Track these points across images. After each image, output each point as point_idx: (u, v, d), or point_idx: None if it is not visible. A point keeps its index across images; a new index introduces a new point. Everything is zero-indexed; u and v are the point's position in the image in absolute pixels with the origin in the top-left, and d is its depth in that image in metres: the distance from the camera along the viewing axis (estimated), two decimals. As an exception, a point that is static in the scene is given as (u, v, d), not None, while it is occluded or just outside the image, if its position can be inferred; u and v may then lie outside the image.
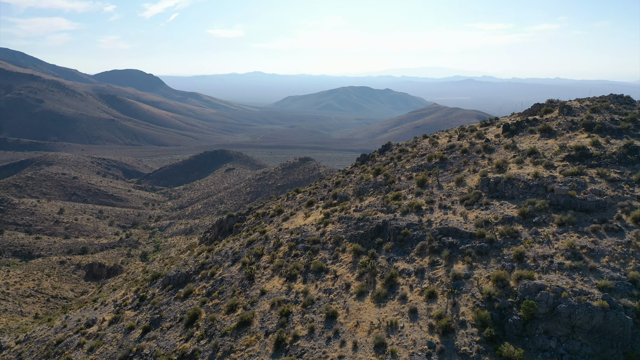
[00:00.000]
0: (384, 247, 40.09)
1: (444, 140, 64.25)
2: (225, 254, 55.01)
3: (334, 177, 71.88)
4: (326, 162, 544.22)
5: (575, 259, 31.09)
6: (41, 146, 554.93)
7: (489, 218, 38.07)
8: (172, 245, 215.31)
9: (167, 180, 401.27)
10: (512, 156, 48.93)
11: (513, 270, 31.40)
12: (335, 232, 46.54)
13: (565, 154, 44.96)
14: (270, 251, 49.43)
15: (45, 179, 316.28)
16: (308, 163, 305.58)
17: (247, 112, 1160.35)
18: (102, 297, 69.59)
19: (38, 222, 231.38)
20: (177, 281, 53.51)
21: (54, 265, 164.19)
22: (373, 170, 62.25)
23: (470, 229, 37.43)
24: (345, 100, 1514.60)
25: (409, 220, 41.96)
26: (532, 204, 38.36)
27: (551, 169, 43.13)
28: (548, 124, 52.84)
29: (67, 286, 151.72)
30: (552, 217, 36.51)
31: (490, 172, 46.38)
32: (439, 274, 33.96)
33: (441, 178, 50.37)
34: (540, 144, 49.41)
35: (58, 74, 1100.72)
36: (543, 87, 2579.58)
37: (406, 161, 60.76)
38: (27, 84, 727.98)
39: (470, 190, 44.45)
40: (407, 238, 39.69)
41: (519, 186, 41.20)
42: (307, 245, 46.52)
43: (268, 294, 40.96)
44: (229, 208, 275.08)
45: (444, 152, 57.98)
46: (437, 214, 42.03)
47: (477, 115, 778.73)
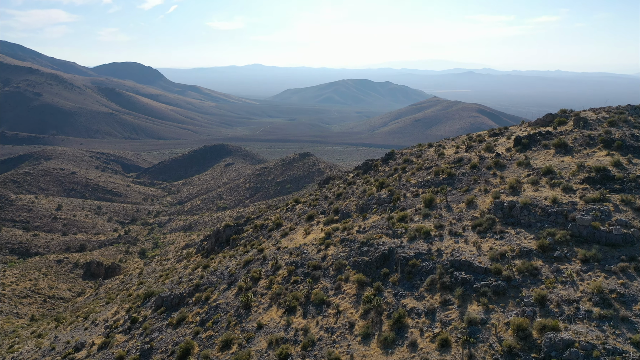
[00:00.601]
0: (390, 280, 37.06)
1: (451, 151, 61.20)
2: (221, 274, 52.20)
3: (335, 187, 68.67)
4: (326, 156, 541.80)
5: (605, 305, 27.92)
6: (40, 140, 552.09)
7: (505, 250, 34.96)
8: (170, 242, 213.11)
9: (166, 175, 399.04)
10: (526, 175, 45.77)
11: (535, 317, 28.28)
12: (337, 257, 43.63)
13: (585, 174, 41.79)
14: (268, 275, 46.56)
15: (44, 174, 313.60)
16: (308, 158, 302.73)
17: (246, 105, 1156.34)
18: (94, 313, 66.81)
19: (36, 218, 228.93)
20: (171, 303, 50.77)
21: (51, 264, 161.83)
22: (377, 182, 59.26)
23: (484, 263, 34.31)
24: (345, 93, 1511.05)
25: (417, 249, 38.99)
26: (551, 235, 35.20)
27: (570, 193, 39.91)
28: (563, 139, 49.64)
29: (64, 286, 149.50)
30: (574, 251, 33.35)
31: (504, 194, 43.24)
32: (452, 316, 30.96)
33: (450, 197, 47.31)
34: (556, 162, 46.28)
35: (57, 66, 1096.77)
36: (543, 80, 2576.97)
37: (411, 174, 57.73)
38: (26, 77, 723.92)
39: (483, 214, 41.35)
40: (415, 270, 36.69)
41: (536, 213, 38.09)
42: (308, 271, 43.62)
43: (265, 328, 38.03)
44: (228, 204, 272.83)
45: (452, 166, 54.84)
46: (448, 242, 39.01)
47: (478, 108, 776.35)
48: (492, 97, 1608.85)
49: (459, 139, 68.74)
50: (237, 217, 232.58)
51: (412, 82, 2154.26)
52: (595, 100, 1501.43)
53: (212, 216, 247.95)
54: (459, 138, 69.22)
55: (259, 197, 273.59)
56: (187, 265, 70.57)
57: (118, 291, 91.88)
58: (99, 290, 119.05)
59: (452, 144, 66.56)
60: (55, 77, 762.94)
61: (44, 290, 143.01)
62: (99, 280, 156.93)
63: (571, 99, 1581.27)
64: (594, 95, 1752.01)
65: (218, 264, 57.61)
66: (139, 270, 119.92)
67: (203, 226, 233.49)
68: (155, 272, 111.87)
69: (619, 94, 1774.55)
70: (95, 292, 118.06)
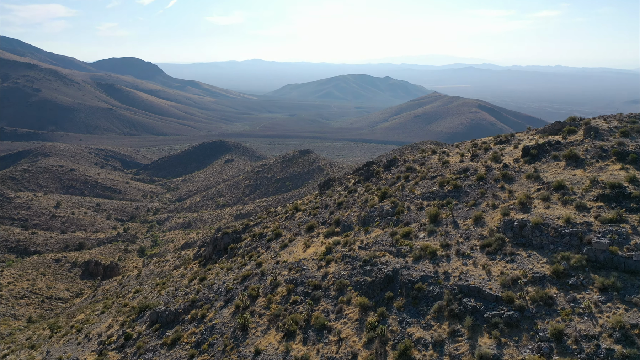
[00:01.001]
0: (395, 304, 35.05)
1: (455, 159, 59.14)
2: (218, 289, 50.30)
3: (336, 194, 66.45)
4: (326, 152, 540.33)
5: (627, 343, 25.74)
6: (39, 136, 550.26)
7: (517, 276, 32.90)
8: (170, 240, 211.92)
9: (166, 172, 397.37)
10: (536, 189, 43.65)
11: (552, 355, 26.13)
12: (339, 276, 41.68)
13: (599, 191, 39.70)
14: (267, 292, 44.62)
15: (42, 171, 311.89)
16: (308, 155, 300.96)
17: (246, 101, 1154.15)
18: (88, 324, 65.00)
19: (34, 216, 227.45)
20: (166, 319, 48.93)
21: (49, 264, 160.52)
22: (379, 192, 57.22)
23: (495, 290, 32.24)
24: (345, 88, 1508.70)
25: (423, 271, 37.00)
26: (566, 259, 33.06)
27: (584, 211, 37.81)
28: (574, 150, 47.45)
29: (62, 285, 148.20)
30: (591, 278, 31.19)
31: (513, 210, 41.20)
32: (462, 349, 28.93)
33: (456, 212, 45.28)
34: (567, 176, 44.21)
35: (55, 62, 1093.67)
36: (544, 75, 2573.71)
37: (415, 184, 55.67)
38: (24, 72, 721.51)
39: (491, 233, 39.33)
40: (421, 295, 34.68)
41: (548, 234, 36.01)
42: (308, 291, 41.68)
43: (263, 354, 36.02)
44: (227, 202, 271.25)
45: (457, 176, 52.71)
46: (455, 263, 37.00)
47: (478, 104, 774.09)
48: (492, 93, 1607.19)
49: (463, 145, 66.54)
50: (236, 215, 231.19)
51: (412, 77, 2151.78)
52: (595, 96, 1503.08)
53: (211, 214, 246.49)
54: (464, 145, 67.01)
55: (259, 194, 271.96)
56: (184, 275, 68.67)
57: (115, 296, 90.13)
58: (97, 292, 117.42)
59: (456, 150, 64.39)
60: (54, 72, 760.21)
61: (42, 290, 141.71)
62: (97, 281, 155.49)
63: (571, 94, 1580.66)
64: (595, 91, 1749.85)
65: (215, 277, 55.67)
66: (137, 271, 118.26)
67: (202, 224, 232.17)
68: (153, 274, 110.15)
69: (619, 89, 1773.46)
70: (93, 294, 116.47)
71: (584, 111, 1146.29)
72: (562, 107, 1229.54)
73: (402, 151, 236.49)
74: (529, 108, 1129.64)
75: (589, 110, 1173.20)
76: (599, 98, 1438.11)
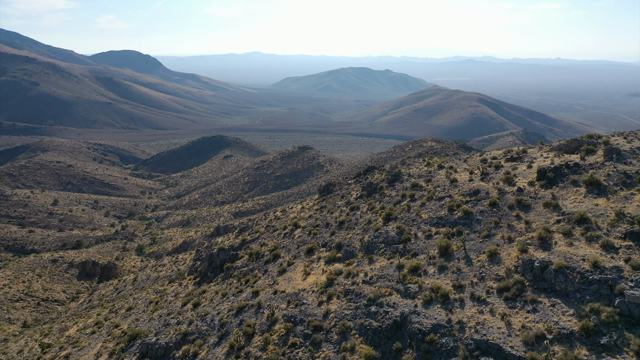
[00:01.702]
0: (403, 359, 31.81)
1: (464, 177, 55.73)
2: (212, 321, 46.99)
3: (337, 210, 62.88)
4: (326, 146, 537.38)
5: None
6: (37, 130, 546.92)
7: (541, 331, 29.40)
8: (168, 238, 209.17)
9: (165, 167, 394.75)
10: (556, 221, 40.15)
11: None
12: (342, 316, 38.31)
13: (626, 226, 36.23)
14: (263, 330, 41.25)
15: (40, 168, 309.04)
16: (307, 152, 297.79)
17: (245, 94, 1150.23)
18: (78, 346, 61.90)
19: (31, 214, 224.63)
20: (156, 354, 45.72)
21: (45, 264, 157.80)
22: (383, 212, 53.77)
23: (517, 349, 28.65)
24: (345, 81, 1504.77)
25: (435, 318, 33.59)
26: (595, 312, 29.51)
27: (612, 252, 34.30)
28: (595, 176, 43.81)
29: (59, 287, 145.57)
30: (625, 338, 27.56)
31: (532, 247, 37.79)
32: (482, 423, 25.72)
33: (469, 244, 41.83)
34: (589, 206, 40.65)
35: (54, 55, 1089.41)
36: (544, 68, 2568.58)
37: (421, 204, 52.14)
38: (22, 66, 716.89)
39: (509, 273, 35.90)
40: (433, 348, 31.22)
41: (574, 279, 32.49)
42: (308, 332, 38.28)
43: (258, 410, 32.91)
44: (226, 199, 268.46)
45: (468, 199, 49.21)
46: (470, 310, 33.55)
47: (478, 98, 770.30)
48: (492, 86, 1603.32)
49: (472, 160, 62.80)
50: (235, 213, 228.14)
51: (412, 70, 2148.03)
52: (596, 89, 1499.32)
53: (210, 211, 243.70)
54: (472, 159, 63.30)
55: (258, 191, 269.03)
56: (178, 294, 65.43)
57: (109, 310, 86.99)
58: (93, 297, 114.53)
59: (464, 166, 60.87)
60: (52, 66, 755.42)
61: (38, 292, 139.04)
62: (94, 283, 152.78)
63: (572, 87, 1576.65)
64: (595, 83, 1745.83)
65: (209, 304, 52.30)
66: (134, 275, 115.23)
67: (201, 221, 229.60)
68: (150, 279, 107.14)
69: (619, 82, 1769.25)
70: (89, 299, 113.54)
71: (584, 104, 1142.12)
72: (562, 100, 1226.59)
73: (402, 149, 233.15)
74: (529, 101, 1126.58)
75: (589, 103, 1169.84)
76: (600, 91, 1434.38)
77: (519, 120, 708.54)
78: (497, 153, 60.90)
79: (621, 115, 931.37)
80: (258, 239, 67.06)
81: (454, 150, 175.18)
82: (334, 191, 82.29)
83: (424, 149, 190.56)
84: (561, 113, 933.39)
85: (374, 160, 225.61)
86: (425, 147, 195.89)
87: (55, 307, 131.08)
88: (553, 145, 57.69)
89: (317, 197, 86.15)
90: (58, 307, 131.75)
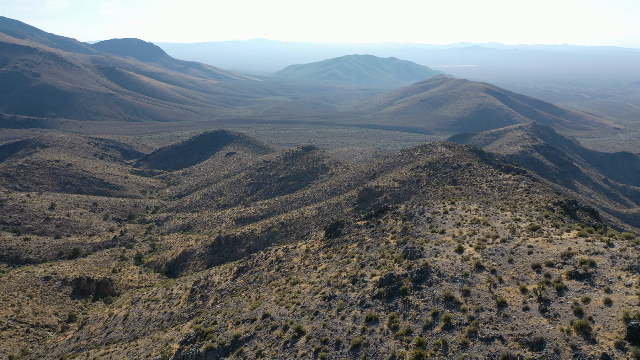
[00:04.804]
0: None
1: (516, 297, 43.25)
2: None
3: (349, 318, 49.42)
4: (330, 139, 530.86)
5: None
6: (38, 123, 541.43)
7: None
8: (168, 246, 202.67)
9: (166, 163, 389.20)
10: None
11: None
12: None
13: None
14: None
15: (38, 167, 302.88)
16: (312, 152, 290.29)
17: (249, 83, 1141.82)
18: None
19: (27, 219, 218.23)
20: None
21: (37, 282, 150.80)
22: (410, 349, 42.47)
23: None
24: (349, 69, 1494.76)
25: None
26: None
27: None
28: None
29: (51, 309, 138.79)
30: None
31: None
32: None
33: None
34: None
35: (56, 43, 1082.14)
36: (551, 54, 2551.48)
37: (462, 344, 40.30)
38: (23, 56, 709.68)
39: None
40: None
41: None
42: None
43: None
44: (228, 201, 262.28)
45: (528, 353, 36.98)
46: None
47: (485, 88, 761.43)
48: (498, 73, 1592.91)
49: (519, 264, 48.53)
50: (237, 219, 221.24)
51: (417, 57, 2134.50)
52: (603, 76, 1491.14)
53: (211, 215, 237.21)
54: (519, 262, 48.66)
55: (261, 194, 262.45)
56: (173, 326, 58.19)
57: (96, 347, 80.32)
58: (82, 334, 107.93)
59: (511, 273, 47.50)
60: (54, 56, 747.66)
61: (28, 317, 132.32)
62: (89, 301, 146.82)
63: (579, 74, 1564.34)
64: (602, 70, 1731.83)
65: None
66: (126, 312, 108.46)
67: (202, 227, 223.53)
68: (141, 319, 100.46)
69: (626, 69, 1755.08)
70: (77, 337, 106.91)
71: (592, 92, 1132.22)
72: (569, 87, 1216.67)
73: (411, 154, 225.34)
74: (535, 89, 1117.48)
75: (597, 91, 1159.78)
76: (607, 78, 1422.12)
77: (526, 111, 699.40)
78: (556, 264, 46.24)
79: (629, 104, 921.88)
80: (253, 338, 57.70)
81: (467, 161, 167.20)
82: (341, 234, 74.69)
83: (434, 156, 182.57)
84: (568, 102, 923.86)
85: (381, 166, 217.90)
86: (436, 154, 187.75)
87: (45, 333, 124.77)
88: (628, 254, 44.55)
89: (323, 239, 78.58)
90: (48, 332, 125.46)
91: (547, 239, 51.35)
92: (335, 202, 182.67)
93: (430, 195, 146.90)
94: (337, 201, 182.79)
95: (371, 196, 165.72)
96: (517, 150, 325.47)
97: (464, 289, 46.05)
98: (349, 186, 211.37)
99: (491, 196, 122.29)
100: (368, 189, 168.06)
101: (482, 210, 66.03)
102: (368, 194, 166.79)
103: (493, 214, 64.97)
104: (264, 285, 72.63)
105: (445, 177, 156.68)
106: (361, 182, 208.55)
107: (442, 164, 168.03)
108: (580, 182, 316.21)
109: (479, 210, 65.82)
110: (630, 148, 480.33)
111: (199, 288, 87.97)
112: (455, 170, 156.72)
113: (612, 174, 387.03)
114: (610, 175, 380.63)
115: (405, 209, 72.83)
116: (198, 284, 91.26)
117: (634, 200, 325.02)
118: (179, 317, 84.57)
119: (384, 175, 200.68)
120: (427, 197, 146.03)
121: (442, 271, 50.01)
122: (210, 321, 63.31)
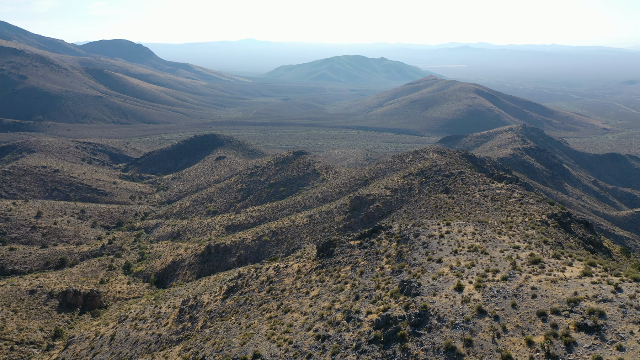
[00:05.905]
0: None
1: (521, 348, 41.04)
2: None
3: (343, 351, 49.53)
4: (320, 141, 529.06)
5: None
6: (25, 126, 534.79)
7: None
8: (157, 255, 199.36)
9: (156, 167, 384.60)
10: None
11: None
12: None
13: None
14: None
15: (24, 173, 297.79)
16: (302, 158, 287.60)
17: (239, 84, 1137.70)
18: None
19: (13, 229, 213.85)
20: None
21: (22, 296, 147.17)
22: None
23: None
24: (340, 70, 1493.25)
25: None
26: None
27: None
28: None
29: (36, 324, 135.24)
30: None
31: None
32: None
33: None
34: None
35: (44, 44, 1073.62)
36: (540, 54, 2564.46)
37: None
38: (10, 58, 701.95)
39: None
40: None
41: None
42: None
43: None
44: (218, 208, 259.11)
45: None
46: None
47: (475, 89, 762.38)
48: (488, 73, 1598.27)
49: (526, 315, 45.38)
50: (227, 226, 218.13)
51: (407, 57, 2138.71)
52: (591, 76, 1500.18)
53: (201, 222, 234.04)
54: (527, 315, 45.47)
55: (251, 200, 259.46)
56: None
57: None
58: (67, 354, 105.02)
59: (516, 321, 44.45)
60: (41, 58, 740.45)
61: (12, 334, 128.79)
62: (75, 315, 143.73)
63: (567, 74, 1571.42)
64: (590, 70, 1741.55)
65: None
66: (112, 333, 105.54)
67: (192, 234, 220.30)
68: (128, 341, 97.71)
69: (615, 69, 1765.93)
70: (62, 357, 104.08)
71: (580, 92, 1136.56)
72: (558, 87, 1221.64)
73: (403, 159, 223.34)
74: (524, 89, 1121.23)
75: (585, 91, 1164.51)
76: (595, 78, 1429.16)
77: (516, 112, 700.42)
78: (561, 311, 43.55)
79: (617, 104, 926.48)
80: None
81: (459, 168, 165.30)
82: (334, 254, 72.43)
83: (426, 163, 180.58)
84: (557, 102, 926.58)
85: (373, 172, 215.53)
86: (428, 161, 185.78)
87: (30, 350, 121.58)
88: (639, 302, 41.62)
89: (315, 259, 76.31)
90: (34, 350, 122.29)
91: (550, 279, 48.77)
92: (327, 209, 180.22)
93: (422, 204, 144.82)
94: (328, 209, 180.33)
95: (363, 204, 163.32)
96: (508, 153, 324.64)
97: (465, 337, 43.18)
98: (340, 192, 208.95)
99: (484, 206, 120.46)
100: (360, 196, 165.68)
101: (479, 235, 64.04)
102: (360, 202, 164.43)
103: (490, 239, 62.85)
104: (255, 310, 70.23)
105: (438, 185, 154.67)
106: (352, 188, 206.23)
107: (434, 172, 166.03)
108: (571, 184, 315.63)
109: (475, 235, 63.86)
110: (618, 149, 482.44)
111: (188, 308, 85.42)
112: (448, 179, 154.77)
113: (601, 175, 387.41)
114: (599, 176, 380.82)
115: (400, 229, 70.64)
116: (187, 304, 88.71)
117: (623, 202, 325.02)
118: (167, 340, 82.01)
119: (375, 182, 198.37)
120: (419, 207, 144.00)
121: (442, 314, 47.30)
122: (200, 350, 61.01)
